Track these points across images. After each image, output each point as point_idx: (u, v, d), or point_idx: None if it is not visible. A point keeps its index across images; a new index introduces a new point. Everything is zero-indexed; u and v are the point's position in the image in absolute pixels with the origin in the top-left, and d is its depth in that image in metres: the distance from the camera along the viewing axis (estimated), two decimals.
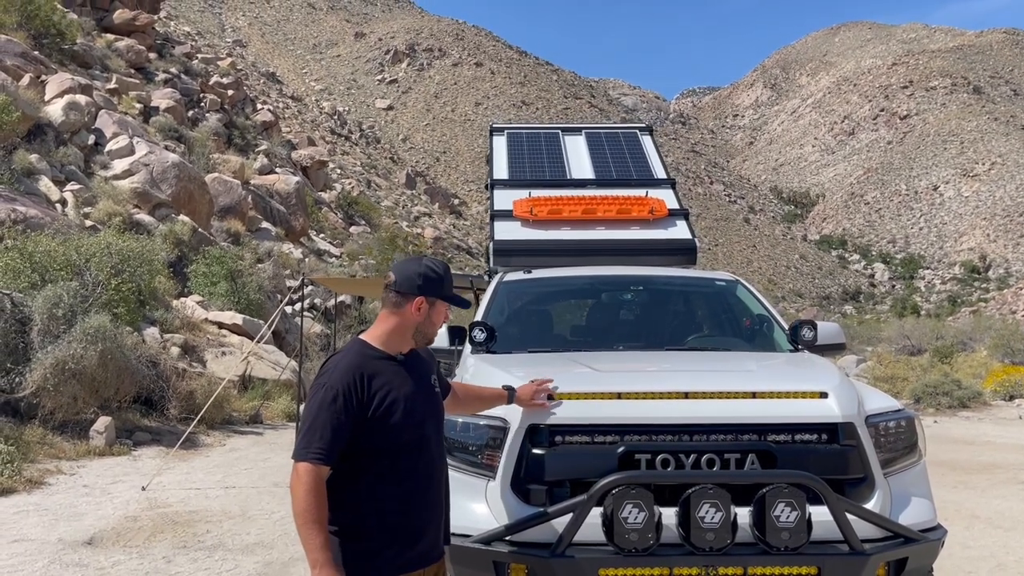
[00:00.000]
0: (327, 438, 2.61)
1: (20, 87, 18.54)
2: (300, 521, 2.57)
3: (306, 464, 2.59)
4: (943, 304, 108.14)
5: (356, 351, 2.80)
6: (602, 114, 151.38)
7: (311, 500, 2.57)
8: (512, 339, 4.86)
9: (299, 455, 2.62)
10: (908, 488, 3.52)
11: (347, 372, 2.70)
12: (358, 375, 2.71)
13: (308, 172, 39.04)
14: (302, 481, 2.58)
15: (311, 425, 2.63)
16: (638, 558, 3.07)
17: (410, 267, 2.92)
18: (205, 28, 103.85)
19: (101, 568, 5.72)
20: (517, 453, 3.36)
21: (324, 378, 2.71)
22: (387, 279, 2.90)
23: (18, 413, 9.48)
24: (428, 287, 2.87)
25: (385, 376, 2.77)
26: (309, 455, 2.60)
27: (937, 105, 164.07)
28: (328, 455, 2.62)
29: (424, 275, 2.88)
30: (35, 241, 11.66)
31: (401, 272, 2.90)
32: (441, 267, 2.95)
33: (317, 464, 2.60)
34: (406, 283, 2.86)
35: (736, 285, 5.53)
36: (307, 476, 2.58)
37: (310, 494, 2.57)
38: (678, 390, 3.45)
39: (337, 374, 2.70)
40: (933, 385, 18.27)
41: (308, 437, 2.62)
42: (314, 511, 2.57)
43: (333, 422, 2.63)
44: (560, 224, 6.64)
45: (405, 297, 2.85)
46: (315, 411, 2.65)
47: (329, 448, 2.61)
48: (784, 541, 3.04)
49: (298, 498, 2.58)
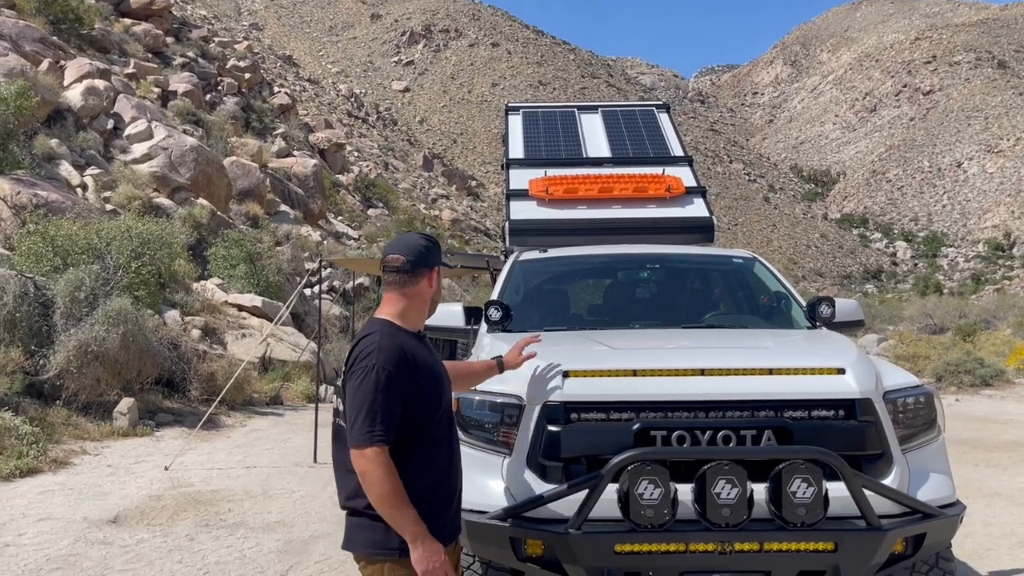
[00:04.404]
0: (389, 419, 2.60)
1: (39, 72, 18.66)
2: (389, 503, 2.55)
3: (375, 448, 2.56)
4: (966, 282, 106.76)
5: (390, 331, 2.76)
6: (620, 93, 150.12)
7: (392, 480, 2.55)
8: (528, 318, 4.85)
9: (366, 439, 2.57)
10: (926, 464, 3.49)
11: (394, 351, 2.67)
12: (404, 354, 2.69)
13: (325, 155, 39.09)
14: (378, 464, 2.55)
15: (370, 408, 2.59)
16: (654, 534, 3.07)
17: (414, 242, 2.89)
18: (221, 11, 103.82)
19: (125, 546, 5.81)
20: (533, 430, 3.36)
21: (371, 360, 2.64)
22: (395, 261, 2.82)
23: (43, 395, 9.63)
24: (435, 256, 2.88)
25: (421, 353, 2.78)
26: (375, 438, 2.56)
27: (961, 80, 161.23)
28: (391, 435, 2.60)
29: (428, 246, 2.88)
30: (57, 225, 11.78)
31: (409, 249, 2.85)
32: (432, 235, 2.99)
33: (384, 446, 2.57)
34: (420, 259, 2.83)
35: (754, 262, 5.49)
36: (380, 458, 2.56)
37: (389, 475, 2.55)
38: (694, 367, 3.44)
39: (385, 354, 2.66)
40: (955, 363, 18.06)
41: (370, 420, 2.58)
42: (398, 489, 2.56)
43: (390, 402, 2.61)
44: (576, 203, 6.59)
45: (418, 273, 2.83)
46: (371, 393, 2.60)
47: (391, 428, 2.60)
48: (801, 517, 3.03)
49: (378, 481, 2.55)
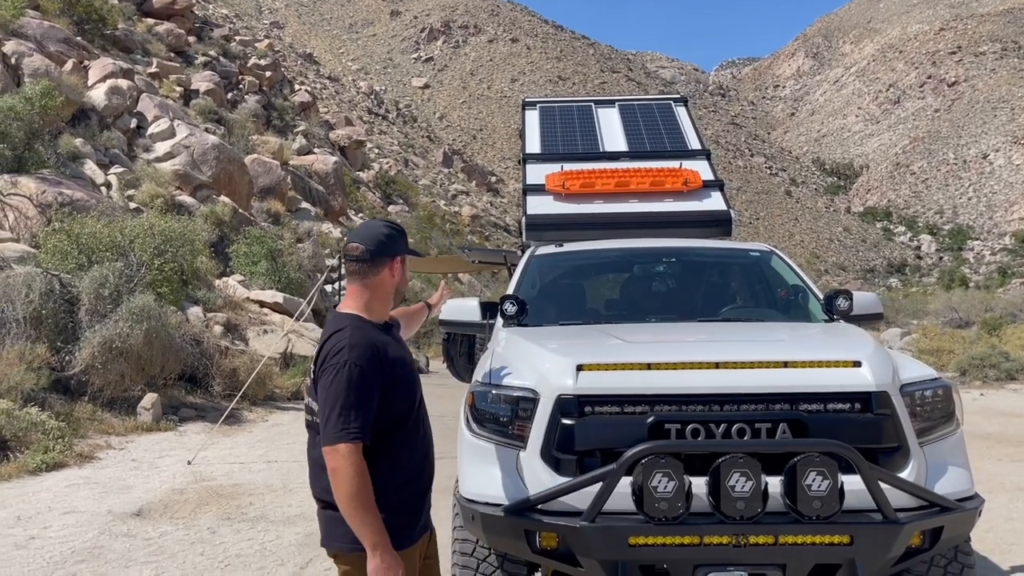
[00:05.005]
0: (363, 415, 2.53)
1: (64, 72, 18.92)
2: (353, 504, 2.47)
3: (349, 444, 2.48)
4: (992, 276, 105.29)
5: (359, 326, 2.69)
6: (639, 87, 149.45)
7: (361, 481, 2.48)
8: (544, 312, 4.86)
9: (339, 436, 2.49)
10: (944, 457, 3.46)
11: (365, 347, 2.61)
12: (376, 349, 2.64)
13: (346, 152, 39.32)
14: (349, 462, 2.47)
15: (344, 405, 2.52)
16: (668, 527, 3.07)
17: (375, 230, 2.82)
18: (242, 10, 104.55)
19: (149, 538, 5.90)
20: (547, 424, 3.36)
21: (342, 356, 2.58)
22: (355, 250, 2.75)
23: (68, 390, 9.78)
24: (398, 245, 2.82)
25: (391, 347, 2.74)
26: (350, 435, 2.49)
27: (987, 71, 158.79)
28: (366, 432, 2.53)
29: (390, 235, 2.81)
30: (81, 223, 11.93)
31: (370, 239, 2.77)
32: (397, 223, 2.94)
33: (358, 443, 2.50)
34: (380, 248, 2.76)
35: (771, 256, 5.45)
36: (353, 456, 2.48)
37: (359, 474, 2.48)
38: (708, 360, 3.43)
39: (357, 351, 2.59)
40: (980, 357, 17.85)
41: (344, 417, 2.51)
42: (365, 492, 2.48)
43: (365, 398, 2.55)
44: (593, 197, 6.60)
45: (379, 262, 2.76)
46: (344, 390, 2.53)
47: (365, 425, 2.53)
48: (816, 510, 3.01)
49: (347, 479, 2.47)
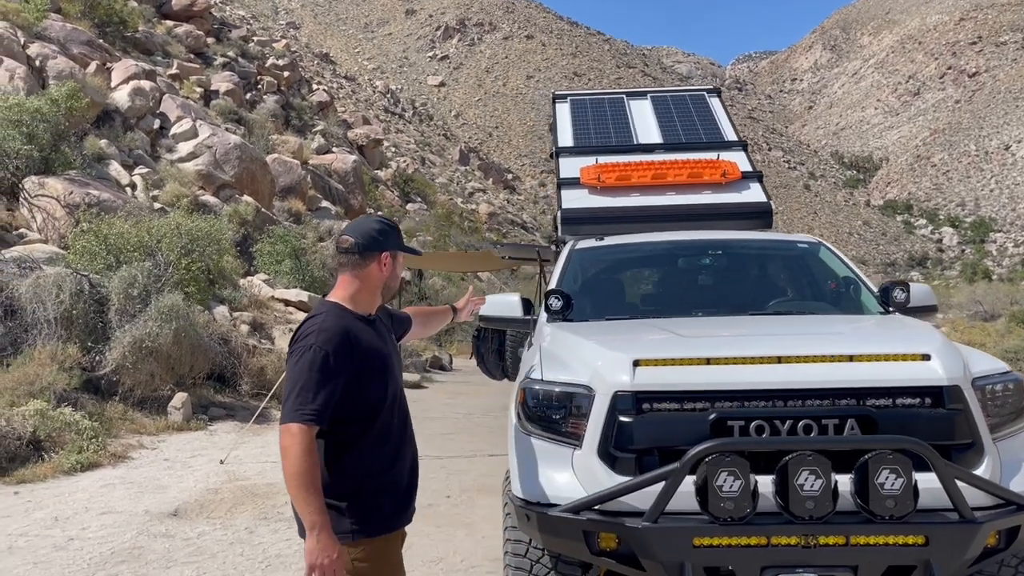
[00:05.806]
0: (321, 399, 2.54)
1: (87, 74, 19.03)
2: (297, 483, 2.48)
3: (300, 425, 2.50)
4: (1016, 268, 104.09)
5: (336, 313, 2.72)
6: (656, 82, 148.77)
7: (308, 461, 2.49)
8: (588, 307, 4.78)
9: (291, 416, 2.52)
10: (1018, 454, 3.34)
11: (335, 333, 2.63)
12: (346, 336, 2.65)
13: (364, 151, 39.37)
14: (297, 441, 2.49)
15: (303, 386, 2.54)
16: (734, 527, 2.98)
17: (367, 225, 2.88)
18: (259, 11, 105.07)
19: (187, 538, 5.87)
20: (604, 421, 3.27)
21: (310, 339, 2.61)
22: (345, 242, 2.82)
23: (99, 390, 9.79)
24: (389, 241, 2.86)
25: (366, 337, 2.75)
26: (304, 416, 2.51)
27: (1008, 61, 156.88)
28: (321, 416, 2.54)
29: (382, 230, 2.86)
30: (109, 224, 11.95)
31: (360, 232, 2.83)
32: (391, 220, 2.97)
33: (311, 425, 2.51)
34: (369, 242, 2.81)
35: (819, 247, 5.34)
36: (302, 436, 2.49)
37: (306, 454, 2.48)
38: (770, 354, 3.33)
39: (325, 335, 2.61)
40: (1014, 351, 17.58)
41: (300, 398, 2.53)
42: (311, 472, 2.49)
43: (325, 383, 2.55)
44: (629, 190, 6.51)
45: (368, 256, 2.80)
46: (305, 372, 2.55)
47: (322, 409, 2.54)
48: (889, 509, 2.91)
49: (293, 459, 2.48)
